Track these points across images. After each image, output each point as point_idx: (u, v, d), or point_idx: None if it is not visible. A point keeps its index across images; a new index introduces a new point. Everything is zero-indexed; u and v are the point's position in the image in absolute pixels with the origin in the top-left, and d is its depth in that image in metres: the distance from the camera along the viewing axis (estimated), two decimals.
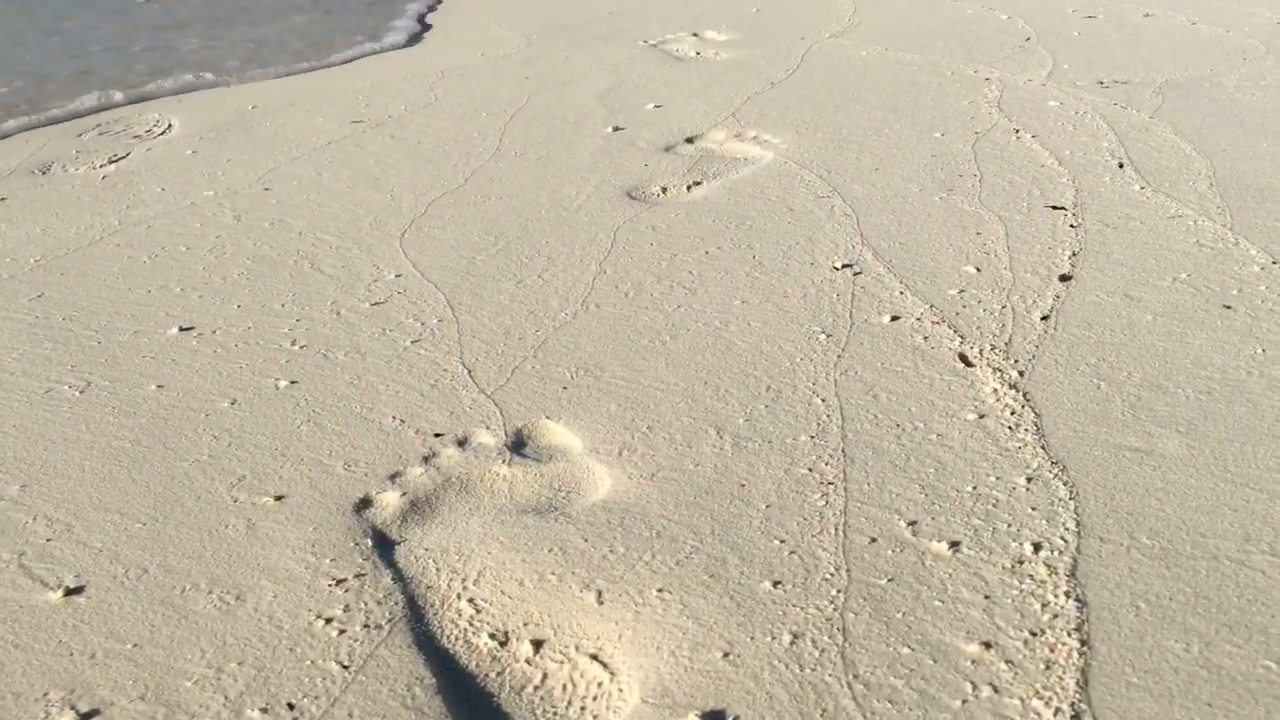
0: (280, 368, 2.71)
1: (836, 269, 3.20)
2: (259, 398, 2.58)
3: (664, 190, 3.88)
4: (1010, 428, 2.38)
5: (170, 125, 4.82)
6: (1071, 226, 3.42)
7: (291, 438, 2.41)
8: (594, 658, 1.79)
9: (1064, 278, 3.08)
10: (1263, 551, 1.96)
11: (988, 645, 1.76)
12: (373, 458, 2.34)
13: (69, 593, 1.94)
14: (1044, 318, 2.86)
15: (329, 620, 1.87)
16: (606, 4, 7.31)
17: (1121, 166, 3.90)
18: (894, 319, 2.89)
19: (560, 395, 2.58)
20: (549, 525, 2.11)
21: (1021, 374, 2.59)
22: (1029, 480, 2.19)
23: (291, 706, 1.69)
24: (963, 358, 2.69)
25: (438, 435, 2.42)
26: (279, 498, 2.20)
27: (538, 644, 1.83)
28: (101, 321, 2.97)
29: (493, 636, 1.85)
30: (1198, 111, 4.49)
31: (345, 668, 1.76)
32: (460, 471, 2.30)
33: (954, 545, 2.00)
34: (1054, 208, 3.57)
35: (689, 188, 3.90)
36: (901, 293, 3.04)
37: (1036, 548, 1.99)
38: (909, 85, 5.07)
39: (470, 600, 1.93)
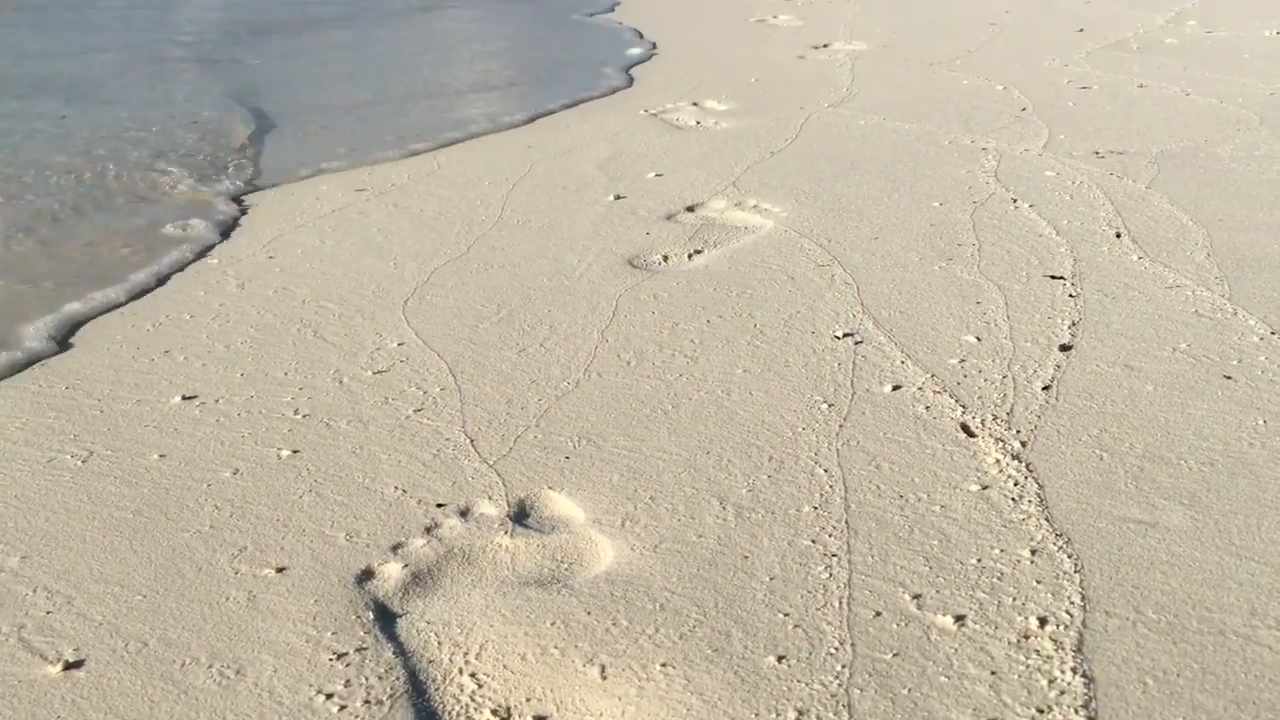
0: (283, 437, 2.71)
1: (838, 338, 3.21)
2: (261, 467, 2.57)
3: (665, 258, 3.91)
4: (1014, 499, 2.38)
5: None
6: (1070, 296, 3.44)
7: (293, 508, 2.40)
8: None
9: (1064, 347, 3.10)
10: (1269, 626, 1.95)
11: None
12: (375, 528, 2.33)
13: (68, 666, 1.93)
14: (1045, 388, 2.87)
15: (330, 695, 1.85)
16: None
17: (1119, 236, 3.94)
18: (896, 388, 2.90)
19: (563, 465, 2.58)
20: (552, 598, 2.10)
21: (1024, 444, 2.60)
22: (1033, 553, 2.18)
23: None
24: (965, 428, 2.69)
25: (440, 505, 2.41)
26: (280, 569, 2.19)
27: None
28: (104, 390, 2.97)
29: (495, 713, 1.83)
30: (1193, 182, 4.54)
31: None
32: (462, 542, 2.29)
33: (959, 619, 1.99)
34: (1053, 277, 3.60)
35: (690, 256, 3.93)
36: (903, 362, 3.05)
37: (1042, 622, 1.98)
38: (907, 155, 5.13)
39: (472, 675, 1.91)
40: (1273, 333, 3.13)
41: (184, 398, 2.92)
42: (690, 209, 4.44)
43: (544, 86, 7.19)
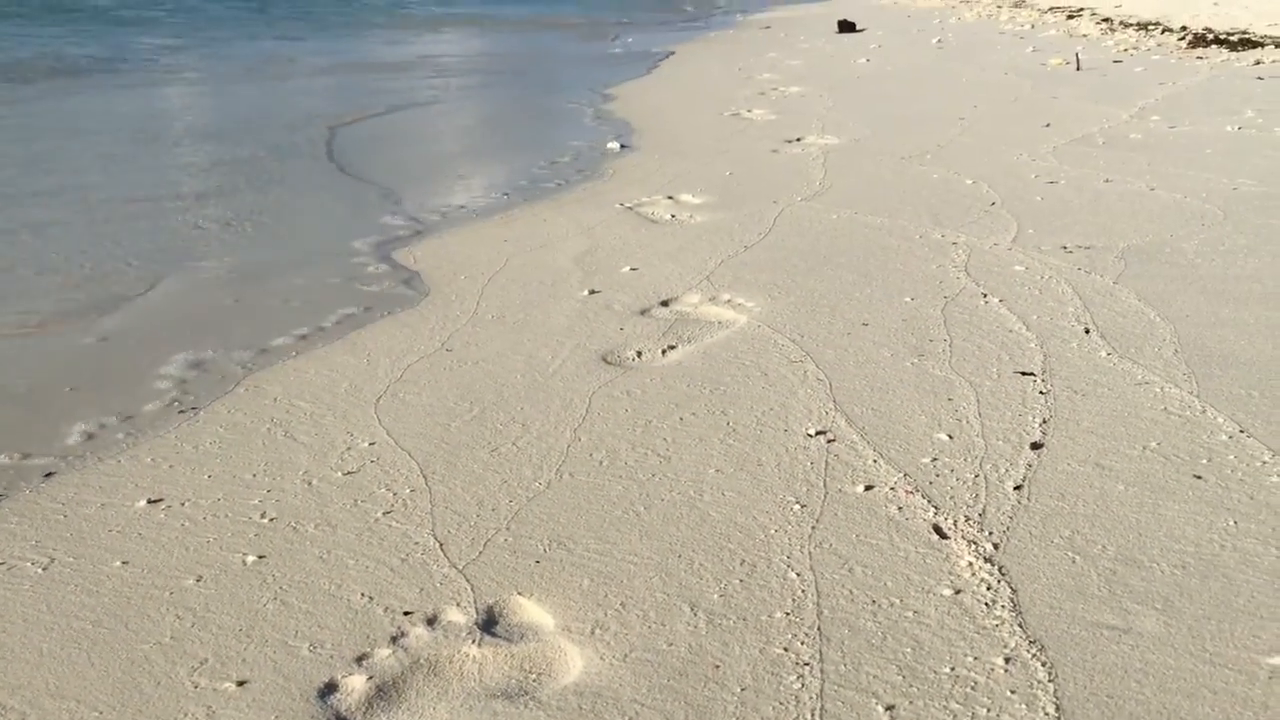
0: (248, 542, 2.68)
1: (810, 436, 3.21)
2: (225, 574, 2.53)
3: (639, 354, 3.93)
4: (987, 604, 2.36)
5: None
6: (1041, 393, 3.46)
7: (257, 617, 2.36)
8: None
9: (1035, 446, 3.10)
10: None
11: None
12: (339, 638, 2.29)
13: None
14: (1017, 487, 2.87)
15: None
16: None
17: (1088, 332, 3.98)
18: (868, 488, 2.89)
19: (532, 569, 2.55)
20: (519, 711, 2.06)
21: (996, 547, 2.59)
22: (1007, 660, 2.16)
23: None
24: (937, 529, 2.68)
25: (407, 614, 2.37)
26: (241, 683, 2.14)
27: None
28: (69, 494, 2.93)
29: None
30: (1160, 277, 4.60)
31: None
32: (429, 653, 2.25)
33: None
34: (1023, 373, 3.62)
35: (664, 352, 3.95)
36: (875, 461, 3.05)
37: None
38: (879, 249, 5.19)
39: None
40: (1241, 430, 3.15)
41: (149, 501, 2.88)
42: (664, 304, 4.47)
43: (521, 178, 7.26)
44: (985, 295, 4.43)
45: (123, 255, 5.33)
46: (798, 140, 8.35)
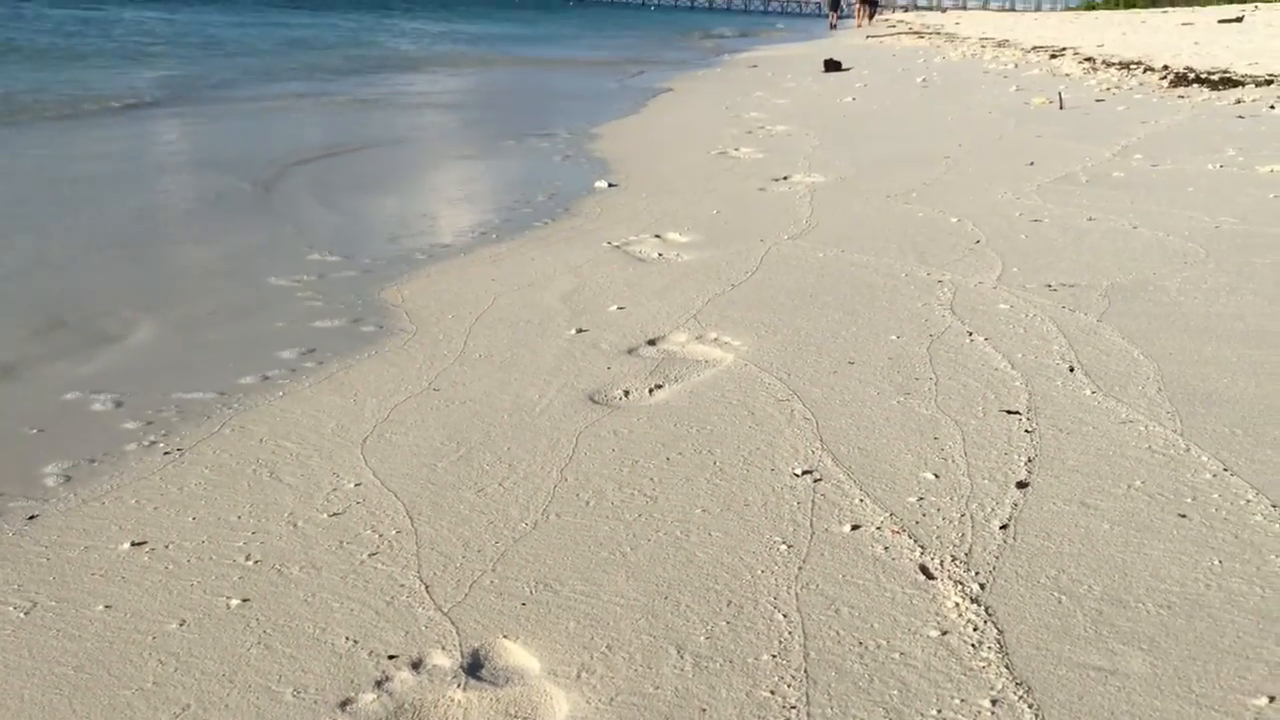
0: (233, 585, 2.66)
1: (797, 475, 3.22)
2: (209, 618, 2.52)
3: (626, 394, 3.93)
4: (973, 645, 2.36)
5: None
6: (1026, 431, 3.48)
7: (240, 661, 2.34)
8: None
9: (1021, 485, 3.11)
10: None
11: None
12: (323, 683, 2.27)
13: None
14: (1003, 527, 2.88)
15: None
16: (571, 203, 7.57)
17: (1072, 370, 4.00)
18: (855, 528, 2.89)
19: (519, 612, 2.54)
20: None
21: (983, 587, 2.59)
22: (994, 703, 2.16)
23: None
24: (924, 569, 2.68)
25: (391, 657, 2.36)
26: None
27: None
28: (52, 536, 2.92)
29: None
30: (1144, 315, 4.64)
31: None
32: (414, 697, 2.24)
33: None
34: (1008, 412, 3.64)
35: (651, 391, 3.95)
36: (861, 500, 3.05)
37: None
38: (865, 287, 5.22)
39: None
40: (1225, 469, 3.16)
41: (133, 543, 2.87)
42: (652, 342, 4.48)
43: (509, 216, 7.29)
44: (971, 333, 4.46)
45: (102, 295, 5.32)
46: (784, 178, 8.41)
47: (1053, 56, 20.19)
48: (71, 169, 9.22)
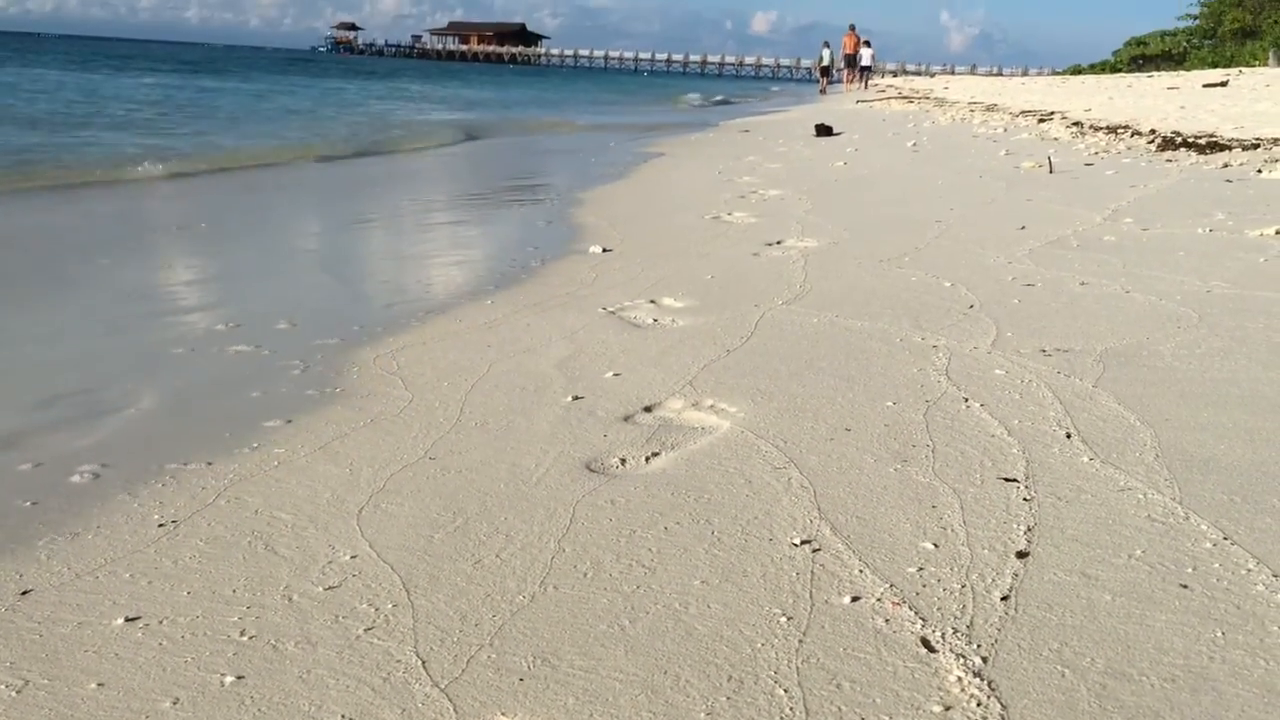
0: (227, 661, 2.63)
1: (795, 545, 3.20)
2: (202, 696, 2.48)
3: (623, 462, 3.92)
4: None
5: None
6: (1025, 500, 3.47)
7: None
8: None
9: (1021, 554, 3.10)
10: None
11: None
12: None
13: None
14: (1004, 598, 2.86)
15: None
16: (563, 270, 7.60)
17: (1069, 437, 4.00)
18: (854, 599, 2.87)
19: (516, 688, 2.51)
20: None
21: (985, 660, 2.57)
22: None
23: None
24: (925, 642, 2.66)
25: None
26: None
27: None
28: (45, 612, 2.88)
29: None
30: (1138, 380, 4.65)
31: None
32: None
33: None
34: (1006, 480, 3.63)
35: (647, 459, 3.94)
36: (861, 571, 3.03)
37: None
38: (860, 353, 5.24)
39: None
40: (1225, 538, 3.15)
41: (127, 619, 2.83)
42: (648, 409, 4.48)
43: (507, 282, 7.32)
44: (967, 400, 4.46)
45: (96, 366, 5.32)
46: (778, 243, 8.47)
47: (1041, 120, 20.46)
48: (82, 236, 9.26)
